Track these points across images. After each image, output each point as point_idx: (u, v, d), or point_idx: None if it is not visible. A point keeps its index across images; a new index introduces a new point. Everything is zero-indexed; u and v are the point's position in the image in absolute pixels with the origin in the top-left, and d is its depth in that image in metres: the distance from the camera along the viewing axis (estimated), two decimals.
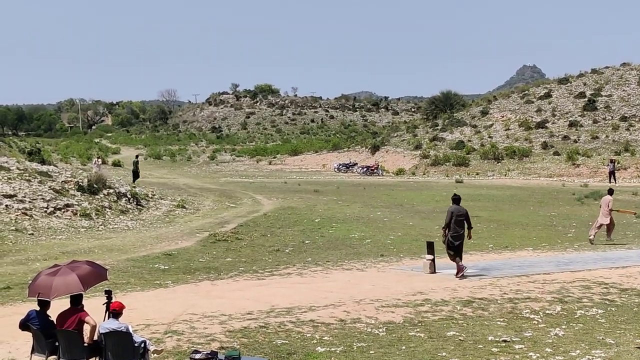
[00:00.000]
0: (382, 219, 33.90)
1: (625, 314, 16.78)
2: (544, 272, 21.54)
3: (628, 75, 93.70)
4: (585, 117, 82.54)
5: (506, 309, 16.95)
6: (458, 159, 74.19)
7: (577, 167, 68.07)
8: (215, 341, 13.91)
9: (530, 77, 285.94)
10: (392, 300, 17.56)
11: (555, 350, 13.74)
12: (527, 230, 31.19)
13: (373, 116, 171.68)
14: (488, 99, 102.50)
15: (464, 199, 42.68)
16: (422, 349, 13.70)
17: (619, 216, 36.08)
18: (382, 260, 23.74)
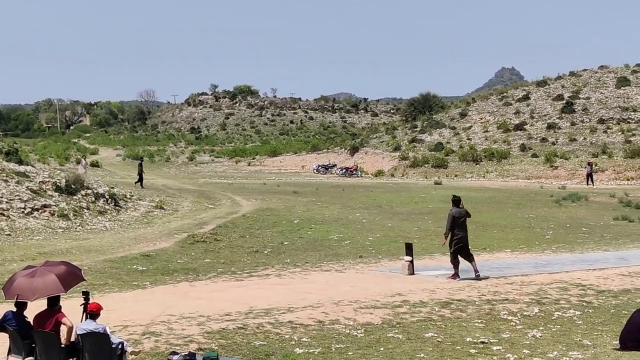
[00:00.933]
0: (360, 221, 33.93)
1: (602, 316, 16.87)
2: (521, 274, 21.63)
3: (606, 78, 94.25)
4: (564, 119, 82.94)
5: (484, 311, 17.00)
6: (437, 161, 74.38)
7: (555, 169, 68.39)
8: (193, 342, 13.86)
9: (509, 80, 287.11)
10: (371, 301, 17.57)
11: (533, 351, 13.79)
12: (505, 232, 31.30)
13: (352, 117, 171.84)
14: (467, 101, 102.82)
15: (442, 200, 42.99)
16: (400, 350, 13.71)
17: (597, 217, 36.33)
18: (361, 262, 23.75)
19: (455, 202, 21.44)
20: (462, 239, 20.88)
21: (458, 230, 20.91)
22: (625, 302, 18.31)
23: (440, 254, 25.44)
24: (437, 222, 33.83)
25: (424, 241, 28.15)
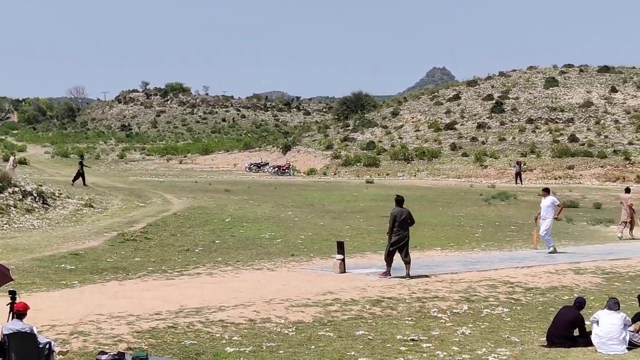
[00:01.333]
0: (292, 219, 33.92)
1: (530, 313, 17.14)
2: (451, 272, 21.85)
3: (534, 78, 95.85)
4: (493, 119, 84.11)
5: (414, 308, 17.13)
6: (369, 160, 74.77)
7: (484, 168, 69.30)
8: (122, 342, 13.69)
9: (440, 79, 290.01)
10: (302, 299, 17.57)
11: (462, 348, 13.94)
12: (436, 230, 31.57)
13: (285, 116, 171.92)
14: (398, 100, 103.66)
15: (373, 199, 43.22)
16: (331, 348, 13.74)
17: (525, 216, 36.87)
18: (293, 260, 23.74)
19: (398, 202, 21.48)
20: (401, 238, 20.95)
21: (398, 230, 20.97)
22: (552, 299, 18.62)
23: (372, 252, 25.59)
24: (369, 220, 34.02)
25: (356, 239, 28.26)
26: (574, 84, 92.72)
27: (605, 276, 21.88)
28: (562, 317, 14.52)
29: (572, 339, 14.35)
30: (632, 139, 73.87)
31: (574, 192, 51.82)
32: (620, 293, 19.17)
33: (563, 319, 14.46)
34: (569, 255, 25.66)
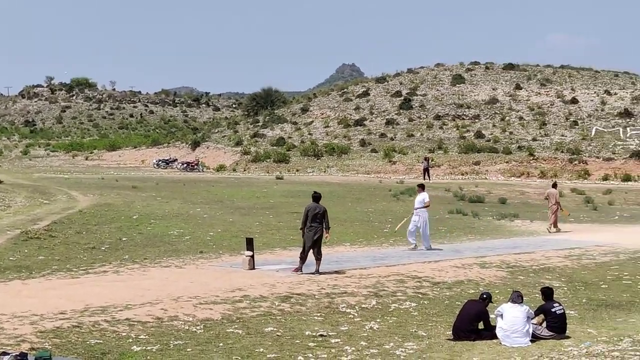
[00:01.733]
0: (201, 216, 33.67)
1: (437, 307, 17.33)
2: (360, 267, 21.95)
3: (442, 75, 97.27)
4: (402, 115, 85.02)
5: (323, 304, 17.15)
6: (278, 156, 74.78)
7: (393, 164, 69.98)
8: (25, 342, 13.35)
9: (350, 76, 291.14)
10: (211, 297, 17.42)
11: (370, 343, 14.01)
12: (345, 226, 31.71)
13: (194, 112, 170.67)
14: (308, 97, 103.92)
15: (283, 195, 43.21)
16: (239, 345, 13.65)
17: (433, 211, 37.36)
18: (201, 257, 23.54)
19: (315, 198, 21.45)
20: (315, 233, 20.92)
21: (312, 225, 20.93)
22: (458, 293, 18.88)
23: (281, 249, 25.58)
24: (279, 216, 33.99)
25: (265, 236, 28.20)
26: (480, 81, 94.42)
27: (509, 270, 22.29)
28: (468, 311, 14.73)
29: (478, 332, 14.57)
30: (535, 135, 75.55)
31: (480, 188, 52.76)
32: (524, 286, 19.55)
33: (468, 313, 14.67)
34: (474, 250, 26.08)
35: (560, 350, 12.94)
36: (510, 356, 12.75)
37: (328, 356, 13.09)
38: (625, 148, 70.31)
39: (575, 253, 25.82)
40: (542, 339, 14.44)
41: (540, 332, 14.64)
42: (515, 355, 12.75)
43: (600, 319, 16.60)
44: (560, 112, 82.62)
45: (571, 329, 15.04)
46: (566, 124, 78.90)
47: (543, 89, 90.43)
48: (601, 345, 13.13)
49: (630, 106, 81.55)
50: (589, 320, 16.42)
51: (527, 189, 54.61)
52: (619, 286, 20.43)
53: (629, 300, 18.72)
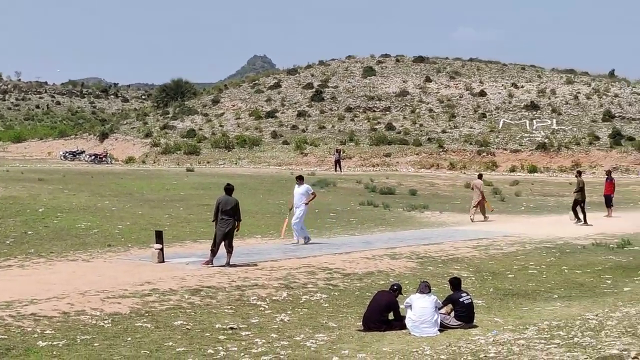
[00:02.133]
0: (110, 208, 33.14)
1: (347, 298, 17.41)
2: (271, 259, 21.92)
3: (353, 67, 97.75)
4: (313, 107, 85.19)
5: (234, 297, 17.07)
6: (189, 148, 74.19)
7: (305, 156, 70.13)
8: None
9: (261, 67, 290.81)
10: (119, 291, 17.15)
11: (281, 335, 13.99)
12: (257, 218, 31.62)
13: (102, 103, 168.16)
14: (219, 88, 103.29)
15: (194, 187, 42.86)
16: (148, 339, 13.48)
17: (344, 203, 37.53)
18: (110, 251, 23.17)
19: (227, 191, 21.31)
20: (226, 226, 20.79)
21: (224, 218, 20.80)
22: (369, 284, 18.99)
23: (192, 241, 25.36)
24: (189, 209, 33.70)
25: (175, 228, 27.92)
26: (390, 73, 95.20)
27: (419, 261, 22.53)
28: (378, 302, 14.83)
29: (388, 322, 14.67)
30: (445, 128, 76.57)
31: (391, 179, 53.22)
32: (434, 277, 19.78)
33: (379, 304, 14.77)
34: (385, 241, 26.27)
35: (468, 339, 13.11)
36: (419, 346, 12.87)
37: (238, 349, 13.02)
38: (532, 140, 71.81)
39: (483, 243, 26.25)
40: (451, 329, 14.62)
41: (449, 321, 14.82)
42: (424, 345, 12.87)
43: (507, 308, 16.89)
44: (469, 104, 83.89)
45: (479, 318, 15.27)
46: (475, 117, 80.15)
47: (452, 82, 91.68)
48: (508, 333, 13.34)
49: (536, 99, 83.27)
50: (496, 309, 16.70)
51: (437, 180, 55.33)
52: (524, 275, 20.83)
53: (535, 289, 19.11)
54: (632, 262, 22.76)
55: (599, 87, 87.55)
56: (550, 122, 76.92)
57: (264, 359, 12.40)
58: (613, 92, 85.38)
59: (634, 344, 10.85)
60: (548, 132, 73.88)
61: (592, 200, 43.47)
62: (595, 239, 27.27)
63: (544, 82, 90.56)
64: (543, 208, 39.97)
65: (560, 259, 23.45)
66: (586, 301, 17.38)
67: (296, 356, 12.60)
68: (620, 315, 14.68)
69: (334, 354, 12.65)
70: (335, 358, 12.36)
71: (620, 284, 19.82)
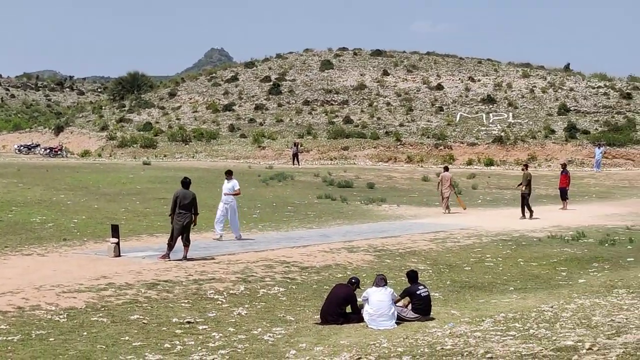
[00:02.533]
0: (65, 202, 32.83)
1: (305, 292, 17.41)
2: (228, 253, 21.85)
3: (311, 60, 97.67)
4: (271, 100, 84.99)
5: (191, 290, 16.99)
6: (145, 141, 73.68)
7: (262, 149, 69.97)
8: None
9: (218, 60, 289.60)
10: (75, 285, 16.99)
11: (238, 329, 13.95)
12: (214, 212, 31.24)
13: (57, 96, 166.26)
14: (176, 81, 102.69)
15: (150, 181, 42.57)
16: (104, 334, 13.37)
17: (302, 196, 37.49)
18: (65, 245, 22.94)
19: (184, 184, 21.18)
20: (184, 220, 20.66)
21: (181, 212, 20.68)
22: (326, 277, 19.01)
23: (148, 235, 25.21)
24: (145, 202, 33.50)
25: (132, 222, 27.73)
26: (348, 67, 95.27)
27: (377, 254, 22.59)
28: (336, 295, 14.85)
29: (345, 315, 14.70)
30: (402, 121, 76.81)
31: (349, 173, 53.32)
32: (391, 269, 19.86)
33: (336, 297, 14.78)
34: (343, 234, 26.32)
35: (424, 332, 13.17)
36: (376, 339, 12.90)
37: (195, 343, 12.96)
38: (488, 133, 72.30)
39: (440, 236, 26.39)
40: (408, 321, 14.67)
41: (406, 314, 14.88)
42: (382, 338, 12.90)
43: (464, 300, 17.00)
44: (426, 98, 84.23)
45: (435, 310, 15.35)
46: (432, 110, 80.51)
47: (409, 75, 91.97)
48: (464, 326, 13.42)
49: (492, 92, 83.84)
50: (452, 301, 16.81)
51: (394, 173, 55.52)
52: (481, 268, 20.99)
53: (491, 282, 19.26)
54: (586, 254, 23.03)
55: (554, 81, 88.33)
56: (507, 115, 77.46)
57: (221, 352, 12.35)
58: (568, 86, 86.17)
59: (588, 335, 10.97)
60: (504, 125, 74.40)
61: (548, 193, 43.98)
62: (550, 231, 27.56)
63: (500, 76, 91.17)
64: (499, 201, 40.29)
65: (516, 251, 23.66)
66: (541, 293, 17.55)
67: (253, 350, 12.58)
68: (575, 306, 14.83)
69: (292, 347, 12.64)
70: (293, 351, 12.36)
71: (575, 275, 20.05)
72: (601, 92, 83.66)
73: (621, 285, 17.69)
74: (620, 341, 10.00)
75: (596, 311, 13.86)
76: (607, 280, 18.78)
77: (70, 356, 12.05)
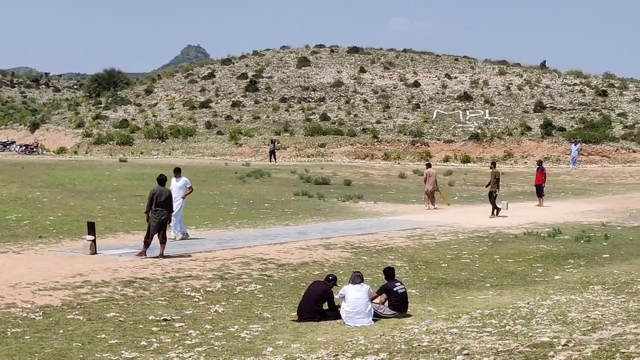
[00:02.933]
0: (41, 200, 32.65)
1: (282, 289, 17.41)
2: (205, 250, 21.80)
3: (287, 57, 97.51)
4: (248, 97, 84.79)
5: (168, 288, 16.95)
6: (122, 138, 73.29)
7: (239, 146, 69.81)
8: None
9: (195, 57, 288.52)
10: (50, 283, 16.91)
11: (215, 326, 13.94)
12: (190, 209, 31.31)
13: (33, 93, 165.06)
14: (153, 78, 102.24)
15: (127, 178, 42.39)
16: (80, 331, 13.32)
17: (279, 193, 37.45)
18: (41, 242, 22.83)
19: (160, 181, 21.11)
20: (160, 217, 20.60)
21: (158, 209, 20.61)
22: (303, 274, 19.02)
23: (125, 232, 25.13)
24: (122, 200, 33.38)
25: (108, 220, 27.63)
26: (325, 64, 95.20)
27: (354, 251, 22.62)
28: (313, 292, 14.86)
29: (322, 312, 14.71)
30: (379, 118, 76.86)
31: (326, 170, 53.31)
32: (368, 267, 19.90)
33: (313, 294, 14.80)
34: (319, 231, 26.33)
35: (401, 329, 13.21)
36: (353, 335, 12.92)
37: (172, 340, 12.94)
38: (465, 130, 72.52)
39: (417, 233, 26.46)
40: (385, 318, 14.72)
41: (383, 311, 14.92)
42: (359, 335, 12.93)
43: (440, 297, 17.07)
44: (403, 95, 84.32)
45: (412, 307, 15.39)
46: (409, 107, 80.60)
47: (386, 73, 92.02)
48: (441, 322, 13.47)
49: (469, 90, 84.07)
50: (429, 298, 16.87)
51: (371, 170, 55.58)
52: (457, 265, 21.07)
53: (467, 278, 19.34)
54: (562, 251, 23.17)
55: (530, 78, 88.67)
56: (483, 112, 77.71)
57: (197, 350, 12.33)
58: (544, 83, 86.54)
59: (564, 331, 11.03)
60: (481, 122, 74.65)
61: (524, 190, 44.20)
62: (526, 228, 27.70)
63: (477, 73, 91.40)
64: (476, 198, 40.43)
65: (493, 248, 23.77)
66: (518, 289, 17.65)
67: (230, 347, 12.57)
68: (550, 303, 14.93)
69: (269, 345, 12.64)
70: (270, 348, 12.35)
71: (551, 272, 20.17)
72: (577, 89, 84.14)
73: (597, 282, 17.82)
74: (595, 337, 10.07)
75: (572, 307, 13.96)
76: (582, 277, 18.92)
77: (46, 354, 11.99)
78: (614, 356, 8.27)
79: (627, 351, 8.46)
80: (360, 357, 10.29)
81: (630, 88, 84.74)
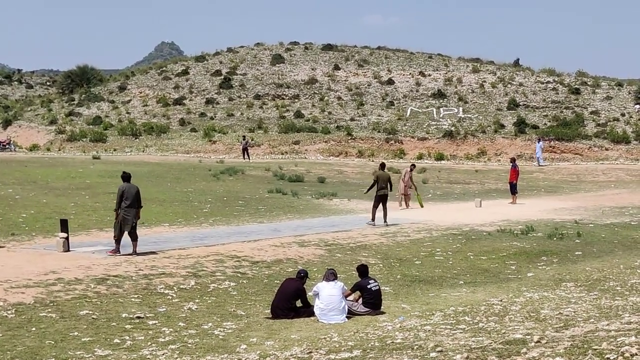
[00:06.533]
0: (13, 197, 32.42)
1: (256, 286, 17.41)
2: (179, 248, 21.74)
3: (262, 55, 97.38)
4: (222, 94, 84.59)
5: (141, 285, 16.89)
6: (95, 135, 72.91)
7: (213, 143, 69.64)
8: None
9: (169, 54, 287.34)
10: (23, 280, 16.79)
11: (188, 324, 13.92)
12: (164, 206, 31.33)
13: (5, 89, 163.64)
14: (126, 75, 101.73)
15: (100, 175, 42.19)
16: (53, 329, 13.25)
17: (253, 191, 37.40)
18: (13, 240, 22.68)
19: (125, 178, 21.02)
20: (130, 214, 20.53)
21: (127, 205, 20.54)
22: (277, 272, 19.02)
23: (98, 230, 25.00)
24: (95, 197, 33.21)
25: (81, 217, 27.48)
26: (299, 61, 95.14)
27: (327, 248, 22.64)
28: (286, 289, 14.86)
29: (296, 310, 14.73)
30: (353, 115, 76.92)
31: (300, 167, 53.29)
32: (342, 264, 19.93)
33: (286, 291, 14.80)
34: (293, 229, 26.33)
35: (375, 326, 13.23)
36: (327, 333, 12.93)
37: (145, 338, 12.90)
38: (439, 128, 72.72)
39: (391, 230, 26.52)
40: (358, 315, 14.75)
41: (356, 308, 14.94)
42: (332, 332, 12.94)
43: (414, 294, 17.12)
44: (377, 92, 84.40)
45: (386, 304, 15.43)
46: (383, 104, 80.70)
47: (360, 70, 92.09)
48: (414, 319, 13.51)
49: (443, 87, 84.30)
50: (403, 295, 16.91)
51: (345, 168, 55.64)
52: (431, 262, 21.15)
53: (441, 276, 19.41)
54: (535, 248, 23.31)
55: (504, 76, 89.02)
56: (457, 110, 77.95)
57: (171, 348, 12.31)
58: (518, 81, 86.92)
59: (537, 328, 11.10)
60: (454, 120, 74.87)
61: (498, 187, 44.41)
62: (500, 225, 27.83)
63: (451, 71, 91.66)
64: (449, 195, 40.58)
65: (466, 245, 23.87)
66: (491, 287, 17.74)
67: (204, 345, 12.55)
68: (523, 300, 15.01)
69: (242, 342, 12.63)
70: (244, 346, 12.34)
71: (524, 269, 20.30)
72: (550, 87, 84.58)
73: (569, 279, 17.95)
74: (568, 334, 10.13)
75: (545, 304, 14.05)
76: (555, 274, 19.04)
77: (18, 352, 11.92)
78: (586, 353, 8.33)
79: (600, 348, 8.51)
80: (334, 355, 10.30)
81: (603, 86, 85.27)
